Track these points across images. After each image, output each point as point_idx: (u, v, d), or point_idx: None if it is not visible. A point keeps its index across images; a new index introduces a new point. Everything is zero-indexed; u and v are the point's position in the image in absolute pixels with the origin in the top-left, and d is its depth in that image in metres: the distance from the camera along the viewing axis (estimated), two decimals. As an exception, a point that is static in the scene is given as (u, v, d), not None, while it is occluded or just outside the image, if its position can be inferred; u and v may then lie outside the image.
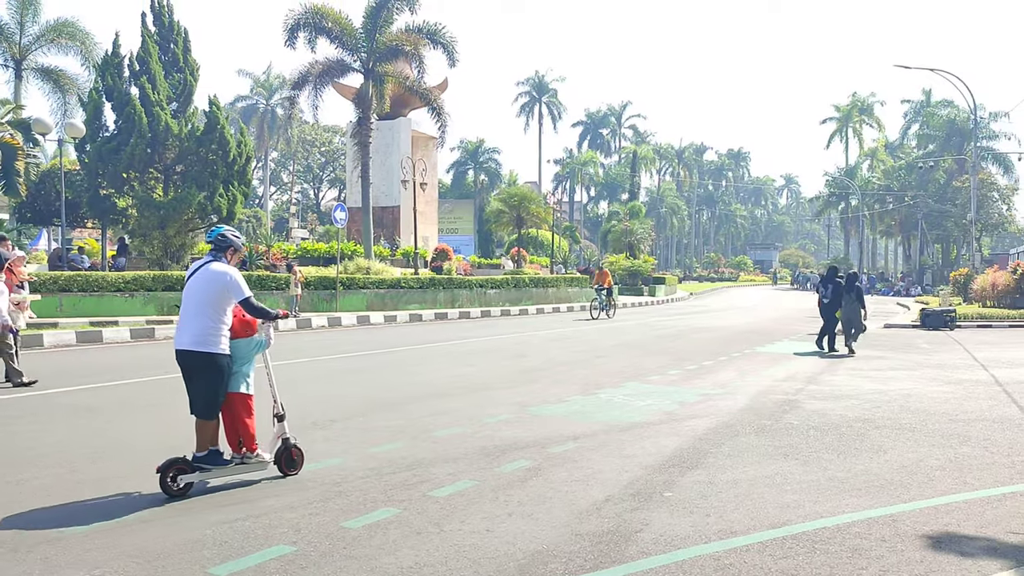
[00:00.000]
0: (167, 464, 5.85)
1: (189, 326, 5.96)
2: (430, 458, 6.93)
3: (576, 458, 7.00)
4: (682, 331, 21.87)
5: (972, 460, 7.10)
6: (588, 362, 14.17)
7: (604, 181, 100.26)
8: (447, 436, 7.81)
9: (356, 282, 25.28)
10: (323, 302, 24.15)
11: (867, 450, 7.45)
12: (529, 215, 41.82)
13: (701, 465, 6.84)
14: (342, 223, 24.57)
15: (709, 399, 10.27)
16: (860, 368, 13.84)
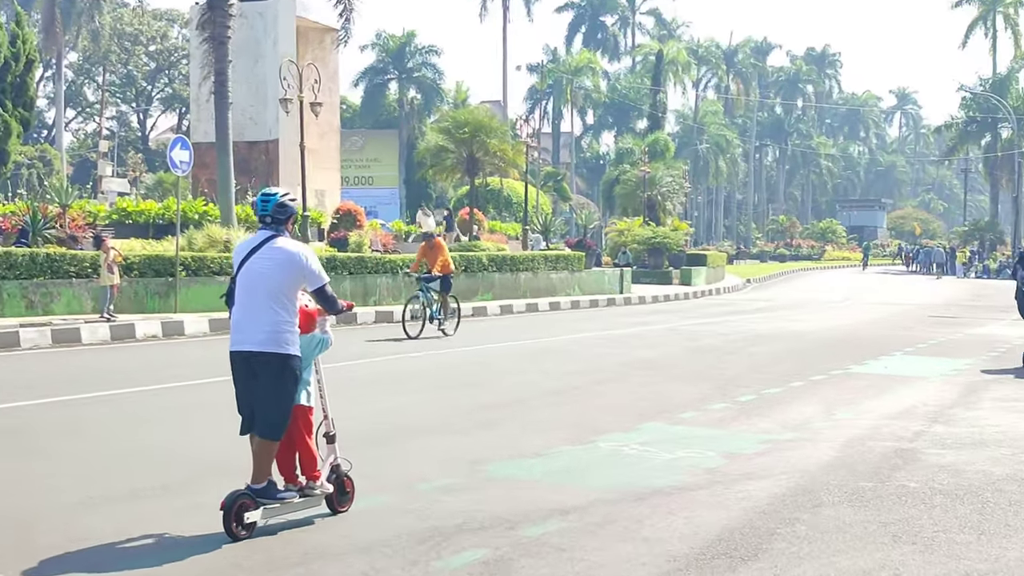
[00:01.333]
0: (232, 500, 6.94)
1: (258, 320, 7.12)
2: (327, 546, 6.92)
3: (563, 546, 6.99)
4: (733, 341, 22.03)
5: None
6: (582, 391, 14.19)
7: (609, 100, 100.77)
8: (358, 510, 7.79)
9: (208, 265, 25.09)
10: (155, 298, 23.93)
11: (1025, 527, 7.56)
12: (488, 155, 41.89)
13: (763, 555, 6.86)
14: (184, 169, 24.30)
15: (776, 448, 10.33)
16: (1015, 399, 14.04)
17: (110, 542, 6.92)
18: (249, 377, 7.18)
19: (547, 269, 35.33)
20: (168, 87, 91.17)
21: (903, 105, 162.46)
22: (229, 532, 6.91)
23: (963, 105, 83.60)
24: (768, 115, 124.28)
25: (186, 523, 7.33)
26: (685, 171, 71.80)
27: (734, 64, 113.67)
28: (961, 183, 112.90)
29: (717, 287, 46.92)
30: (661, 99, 79.33)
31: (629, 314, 30.81)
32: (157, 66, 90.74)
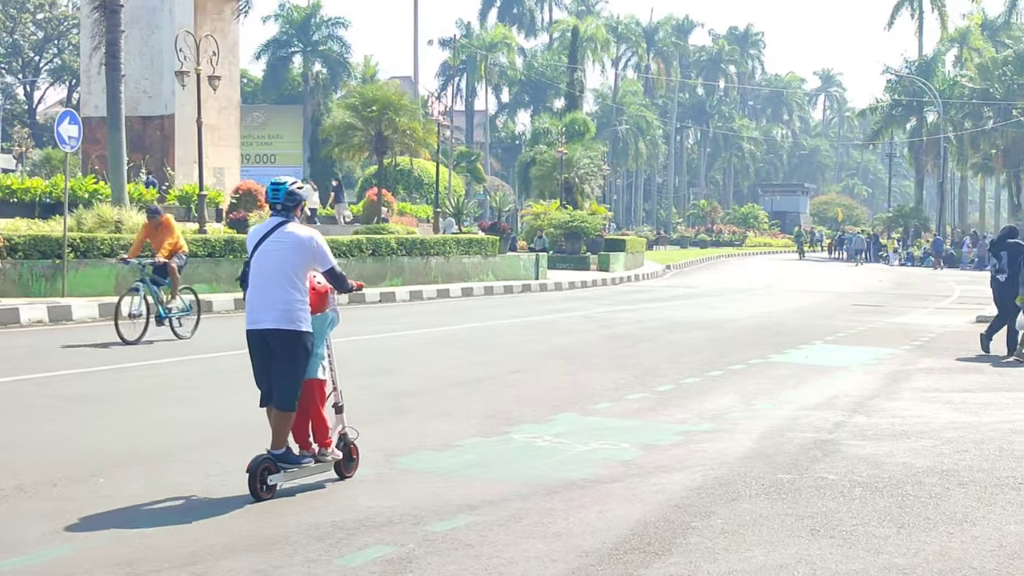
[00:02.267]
0: (258, 464, 7.90)
1: (272, 300, 8.05)
2: (223, 544, 6.86)
3: (472, 542, 7.00)
4: (651, 329, 22.20)
5: (1107, 533, 7.43)
6: (496, 380, 14.22)
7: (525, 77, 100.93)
8: (257, 506, 7.76)
9: (98, 247, 24.71)
10: (40, 281, 23.49)
11: (945, 520, 7.70)
12: (398, 133, 41.72)
13: (677, 549, 6.93)
14: (73, 145, 23.91)
15: (693, 440, 10.43)
16: (937, 389, 14.32)
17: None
18: (266, 354, 8.15)
19: (459, 253, 35.30)
20: (57, 58, 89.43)
21: (827, 87, 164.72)
22: (254, 493, 7.86)
23: (888, 88, 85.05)
24: (689, 96, 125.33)
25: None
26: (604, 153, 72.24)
27: (655, 43, 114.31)
28: (886, 168, 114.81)
29: (636, 273, 47.23)
30: (579, 78, 79.54)
31: (545, 301, 30.91)
32: (45, 35, 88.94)
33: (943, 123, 77.61)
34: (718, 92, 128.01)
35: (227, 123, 42.77)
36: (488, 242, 37.54)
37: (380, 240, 32.10)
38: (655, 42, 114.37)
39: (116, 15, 31.27)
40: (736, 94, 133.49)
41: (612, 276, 43.82)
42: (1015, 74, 73.55)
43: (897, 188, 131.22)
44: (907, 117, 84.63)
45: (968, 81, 79.22)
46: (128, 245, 25.05)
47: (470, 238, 37.39)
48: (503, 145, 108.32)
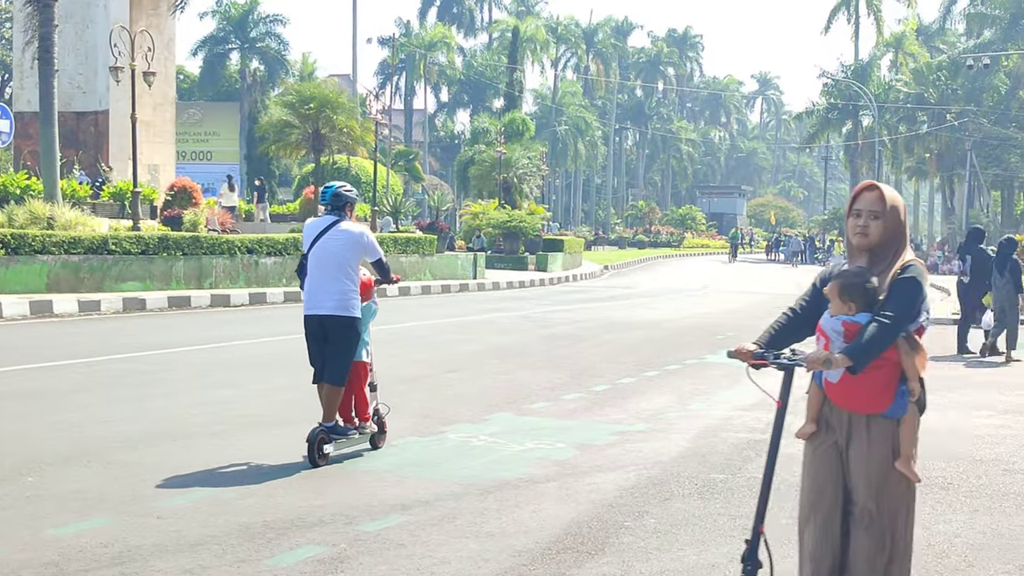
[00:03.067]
0: (316, 434, 9.05)
1: (328, 290, 9.19)
2: (151, 545, 6.79)
3: (404, 541, 7.00)
4: (588, 329, 22.27)
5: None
6: (431, 380, 14.22)
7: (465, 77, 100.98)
8: (184, 506, 7.68)
9: (29, 243, 24.44)
10: (-31, 277, 23.23)
11: (875, 519, 7.78)
12: (335, 131, 41.56)
13: (610, 549, 6.96)
14: (5, 140, 23.62)
15: (628, 440, 10.49)
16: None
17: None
18: (321, 337, 9.32)
19: (397, 252, 35.21)
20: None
21: (765, 90, 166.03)
22: (312, 461, 8.99)
23: (825, 92, 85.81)
24: (628, 97, 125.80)
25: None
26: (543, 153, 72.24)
27: (594, 44, 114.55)
28: (822, 171, 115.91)
29: (574, 273, 47.38)
30: (518, 78, 79.59)
31: (482, 300, 30.93)
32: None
33: (878, 127, 78.44)
34: (657, 94, 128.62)
35: (162, 120, 42.45)
36: (426, 241, 37.49)
37: (317, 239, 31.94)
38: (594, 43, 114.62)
39: (50, 9, 30.93)
40: (675, 96, 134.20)
41: (550, 276, 43.92)
42: (949, 79, 74.56)
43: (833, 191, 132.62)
44: (843, 121, 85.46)
45: (903, 86, 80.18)
46: (61, 242, 24.82)
47: (408, 237, 37.33)
48: (442, 144, 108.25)
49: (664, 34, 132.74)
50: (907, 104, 77.50)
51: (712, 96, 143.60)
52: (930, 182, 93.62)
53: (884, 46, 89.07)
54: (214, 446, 9.77)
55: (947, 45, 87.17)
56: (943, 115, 72.59)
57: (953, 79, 74.11)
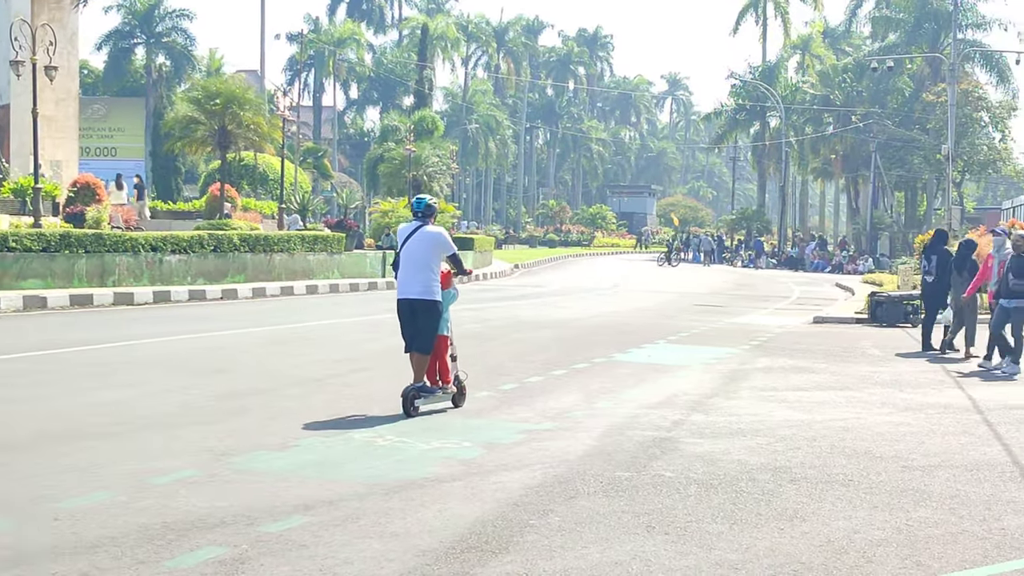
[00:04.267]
0: (409, 391, 11.53)
1: (416, 279, 11.73)
2: (48, 547, 6.69)
3: (307, 542, 6.96)
4: (497, 327, 22.30)
5: (931, 529, 7.70)
6: (337, 379, 14.16)
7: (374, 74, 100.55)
8: (83, 508, 7.56)
9: (-75, 239, 23.93)
10: None
11: (776, 517, 7.89)
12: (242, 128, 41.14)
13: (514, 547, 6.97)
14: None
15: (535, 438, 10.52)
16: (773, 388, 14.68)
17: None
18: (411, 315, 11.80)
19: (304, 250, 34.97)
20: None
21: (674, 91, 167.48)
22: (406, 412, 11.45)
23: (733, 93, 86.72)
24: (539, 96, 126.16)
25: None
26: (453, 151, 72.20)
27: (505, 42, 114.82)
28: (730, 171, 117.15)
29: (484, 272, 47.37)
30: (428, 75, 79.44)
31: (391, 299, 30.78)
32: None
33: (785, 128, 79.49)
34: (567, 93, 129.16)
35: (65, 115, 41.71)
36: (334, 239, 37.26)
37: (222, 236, 31.63)
38: (505, 42, 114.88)
39: (-54, 0, 30.25)
40: (585, 95, 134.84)
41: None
42: (854, 81, 75.74)
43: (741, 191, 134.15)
44: (751, 122, 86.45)
45: (810, 87, 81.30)
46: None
47: (315, 235, 37.08)
48: (351, 142, 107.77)
49: (575, 34, 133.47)
50: (813, 106, 78.60)
51: (622, 96, 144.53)
52: (835, 183, 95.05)
53: (791, 48, 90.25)
54: (113, 446, 9.63)
55: (853, 47, 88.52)
56: (848, 117, 73.69)
57: (858, 81, 75.28)
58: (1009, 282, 16.59)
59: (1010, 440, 11.06)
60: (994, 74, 69.73)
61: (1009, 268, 16.74)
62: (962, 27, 66.79)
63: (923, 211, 73.63)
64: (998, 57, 68.71)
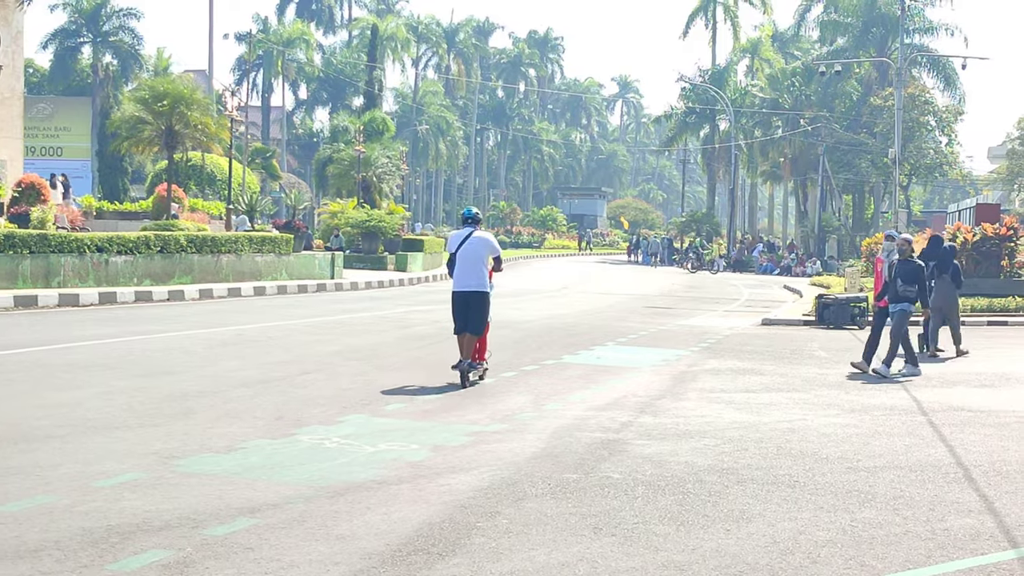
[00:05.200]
0: (465, 367, 13.94)
1: (472, 275, 14.24)
2: (-11, 552, 6.62)
3: (253, 544, 6.94)
4: (447, 329, 22.18)
5: (875, 530, 7.78)
6: (285, 381, 14.10)
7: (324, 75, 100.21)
8: (26, 511, 7.51)
9: None
10: None
11: (723, 518, 7.95)
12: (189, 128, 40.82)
13: (461, 550, 6.98)
14: None
15: (482, 440, 10.54)
16: (722, 390, 14.78)
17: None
18: (465, 305, 14.30)
19: (252, 252, 34.78)
20: None
21: (625, 93, 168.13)
22: (463, 383, 14.03)
23: (683, 96, 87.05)
24: (490, 98, 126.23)
25: None
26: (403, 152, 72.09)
27: (455, 43, 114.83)
28: (680, 173, 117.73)
29: (435, 274, 47.31)
30: (378, 76, 79.24)
31: (340, 300, 30.73)
32: None
33: (735, 131, 79.98)
34: (518, 95, 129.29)
35: (10, 114, 41.34)
36: (282, 240, 37.08)
37: (169, 237, 31.39)
38: (456, 43, 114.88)
39: None
40: (536, 97, 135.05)
41: (410, 276, 43.84)
42: (803, 85, 76.35)
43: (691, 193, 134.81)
44: (701, 124, 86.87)
45: (759, 91, 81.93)
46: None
47: (263, 236, 36.88)
48: (300, 142, 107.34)
49: (525, 35, 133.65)
50: (762, 109, 79.19)
51: (573, 98, 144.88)
52: (784, 186, 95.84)
53: (741, 52, 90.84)
54: (57, 449, 9.54)
55: (801, 52, 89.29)
56: (797, 120, 74.28)
57: (807, 85, 75.91)
58: (898, 287, 16.84)
59: (954, 441, 11.19)
60: (941, 79, 70.62)
61: (897, 273, 16.97)
62: (909, 32, 67.59)
63: (870, 214, 74.36)
64: (944, 62, 69.56)
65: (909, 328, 17.46)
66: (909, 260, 17.01)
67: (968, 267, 31.41)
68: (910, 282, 16.80)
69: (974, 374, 17.22)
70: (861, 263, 42.47)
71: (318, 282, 36.40)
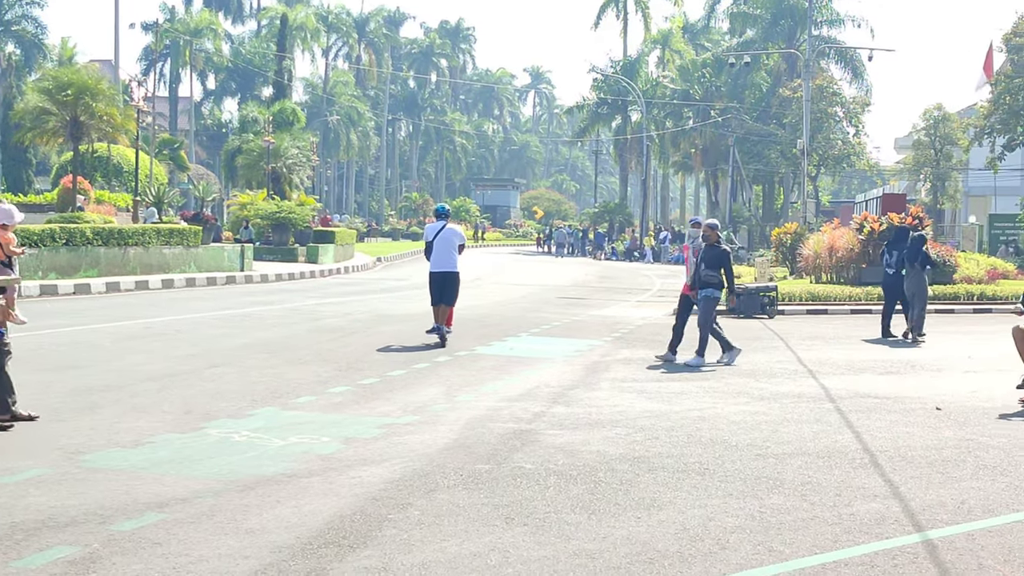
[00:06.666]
0: (440, 330, 17.84)
1: (446, 259, 18.07)
2: None
3: (161, 539, 6.90)
4: (359, 321, 22.24)
5: (784, 515, 7.92)
6: (194, 375, 13.99)
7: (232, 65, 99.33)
8: (-76, 511, 7.39)
9: None
10: None
11: (634, 506, 8.04)
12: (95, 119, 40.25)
13: (372, 542, 7.00)
14: None
15: (394, 432, 10.54)
16: (634, 379, 14.90)
17: None
18: (440, 282, 17.99)
19: (160, 244, 34.36)
20: None
21: (537, 84, 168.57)
22: (442, 343, 17.69)
23: (595, 87, 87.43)
24: (401, 88, 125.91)
25: None
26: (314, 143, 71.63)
27: (366, 33, 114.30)
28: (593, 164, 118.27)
29: (346, 265, 47.12)
30: (287, 66, 78.62)
31: (250, 293, 30.48)
32: None
33: (646, 122, 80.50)
34: (430, 85, 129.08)
35: (-94, 103, 40.46)
36: (190, 232, 36.68)
37: (75, 229, 30.92)
38: (366, 33, 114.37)
39: None
40: (448, 88, 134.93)
41: (321, 268, 43.59)
42: (713, 76, 77.12)
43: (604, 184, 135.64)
44: (613, 115, 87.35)
45: (670, 82, 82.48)
46: None
47: (171, 228, 36.45)
48: (209, 133, 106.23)
49: (437, 26, 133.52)
50: (674, 100, 79.77)
51: (485, 89, 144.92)
52: (696, 176, 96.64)
53: (652, 43, 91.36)
54: (-42, 447, 9.40)
55: (712, 43, 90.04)
56: (708, 111, 75.01)
57: (717, 76, 76.68)
58: (702, 272, 16.97)
59: (861, 428, 11.39)
60: (848, 70, 71.74)
61: (702, 259, 17.10)
62: (817, 24, 68.58)
63: (780, 204, 75.32)
64: (852, 53, 70.66)
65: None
66: (714, 246, 17.04)
67: (875, 256, 32.01)
68: (714, 267, 16.83)
69: (880, 361, 17.54)
70: (771, 253, 43.03)
71: (227, 274, 36.07)
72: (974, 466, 9.73)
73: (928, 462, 9.83)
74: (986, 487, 8.94)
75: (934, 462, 9.83)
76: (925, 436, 11.04)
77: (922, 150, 59.35)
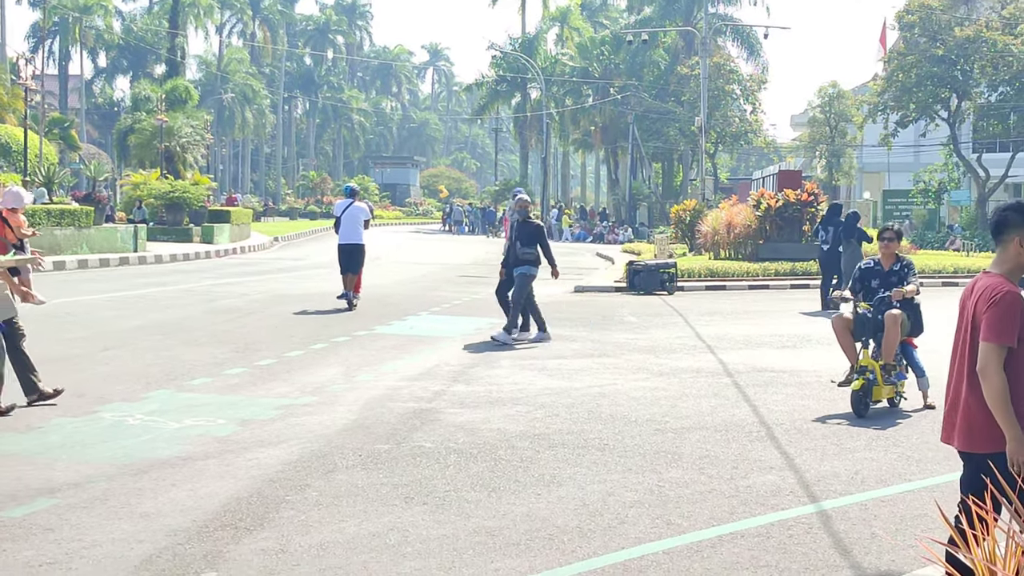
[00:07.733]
0: (348, 296, 20.62)
1: (353, 232, 20.94)
2: None
3: (53, 525, 6.83)
4: (255, 301, 22.05)
5: (682, 489, 8.04)
6: (86, 358, 13.80)
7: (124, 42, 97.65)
8: None
9: None
10: None
11: (534, 483, 8.11)
12: (-19, 97, 39.42)
13: (269, 524, 6.98)
14: None
15: (292, 414, 10.51)
16: (534, 357, 14.97)
17: None
18: (349, 253, 20.74)
19: (51, 225, 33.74)
20: None
21: (436, 61, 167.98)
22: (350, 306, 20.55)
23: (494, 64, 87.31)
24: (298, 66, 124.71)
25: None
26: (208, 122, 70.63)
27: (260, 10, 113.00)
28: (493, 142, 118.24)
29: (242, 245, 46.67)
30: (180, 43, 77.47)
31: (144, 274, 30.06)
32: None
33: (546, 100, 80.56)
34: (327, 62, 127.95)
35: None
36: (82, 213, 36.06)
37: (-39, 211, 30.23)
38: (261, 9, 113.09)
39: None
40: (345, 65, 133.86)
41: (216, 248, 43.12)
42: (612, 54, 77.43)
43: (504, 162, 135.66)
44: (512, 93, 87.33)
45: (569, 60, 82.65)
46: None
47: (62, 208, 35.80)
48: (101, 112, 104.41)
49: (333, 2, 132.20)
50: (573, 78, 79.95)
51: (383, 66, 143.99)
52: (596, 154, 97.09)
53: (550, 20, 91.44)
54: None
55: (610, 21, 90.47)
56: (607, 89, 75.26)
57: (616, 54, 77.00)
58: (518, 249, 16.75)
59: (757, 401, 11.57)
60: (745, 48, 72.58)
61: (517, 235, 16.90)
62: (714, 2, 69.23)
63: (679, 182, 75.94)
64: (748, 31, 71.48)
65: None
66: (528, 221, 16.92)
67: (772, 232, 32.45)
68: (529, 244, 16.68)
69: (777, 336, 17.82)
70: (671, 230, 43.43)
71: (121, 255, 35.53)
72: (868, 438, 9.94)
73: (823, 434, 10.03)
74: (879, 458, 9.14)
75: (829, 434, 10.04)
76: (820, 409, 11.25)
77: (817, 127, 60.14)
